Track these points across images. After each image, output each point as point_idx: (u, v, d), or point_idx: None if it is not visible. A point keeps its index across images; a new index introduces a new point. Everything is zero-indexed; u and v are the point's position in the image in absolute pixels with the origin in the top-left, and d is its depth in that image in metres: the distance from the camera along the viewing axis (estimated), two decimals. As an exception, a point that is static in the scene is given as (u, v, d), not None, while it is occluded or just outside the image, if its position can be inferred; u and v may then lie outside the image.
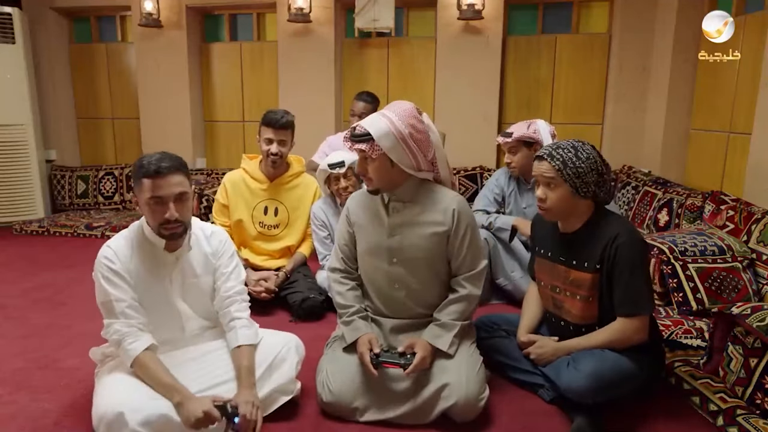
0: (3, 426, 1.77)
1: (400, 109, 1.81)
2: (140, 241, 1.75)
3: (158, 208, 1.64)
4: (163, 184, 1.62)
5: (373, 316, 1.99)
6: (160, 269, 1.77)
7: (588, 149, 1.78)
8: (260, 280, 2.74)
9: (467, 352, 1.88)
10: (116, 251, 1.71)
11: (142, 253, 1.74)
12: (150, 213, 1.66)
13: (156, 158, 1.64)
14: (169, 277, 1.78)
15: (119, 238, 1.76)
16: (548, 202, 1.82)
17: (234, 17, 4.98)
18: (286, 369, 1.81)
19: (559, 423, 1.82)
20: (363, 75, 4.69)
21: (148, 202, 1.64)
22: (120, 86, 5.18)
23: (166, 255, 1.76)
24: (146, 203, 1.65)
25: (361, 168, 1.87)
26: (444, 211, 1.87)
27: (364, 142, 1.79)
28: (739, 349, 1.84)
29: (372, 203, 1.97)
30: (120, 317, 1.66)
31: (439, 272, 1.94)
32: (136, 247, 1.74)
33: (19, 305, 2.88)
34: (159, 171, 1.61)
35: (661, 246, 2.50)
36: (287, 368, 1.82)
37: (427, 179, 1.92)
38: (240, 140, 5.06)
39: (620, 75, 4.15)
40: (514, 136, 2.79)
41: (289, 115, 2.77)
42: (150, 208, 1.65)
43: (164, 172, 1.62)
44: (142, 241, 1.75)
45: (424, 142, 1.83)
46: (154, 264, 1.75)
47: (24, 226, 4.45)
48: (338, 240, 2.05)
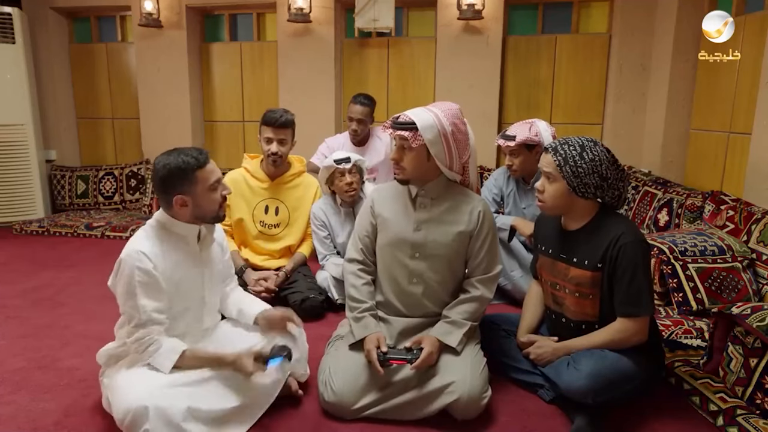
0: (3, 426, 1.77)
1: (446, 107, 1.87)
2: (167, 237, 1.73)
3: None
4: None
5: (383, 315, 1.99)
6: (193, 262, 1.78)
7: (596, 151, 1.76)
8: (260, 280, 2.74)
9: (472, 351, 1.89)
10: (149, 254, 1.65)
11: (172, 249, 1.73)
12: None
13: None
14: (200, 269, 1.80)
15: (142, 240, 1.70)
16: (545, 194, 1.84)
17: (234, 17, 4.98)
18: (295, 353, 1.86)
19: (559, 423, 1.82)
20: (363, 75, 4.69)
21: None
22: (120, 86, 5.18)
23: (196, 247, 1.79)
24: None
25: (397, 155, 1.90)
26: (470, 212, 1.92)
27: (407, 129, 1.82)
28: (739, 349, 1.84)
29: (399, 197, 2.00)
30: (150, 324, 1.65)
31: (456, 271, 1.98)
32: (165, 244, 1.72)
33: (19, 305, 2.88)
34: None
35: (661, 246, 2.50)
36: (296, 353, 1.86)
37: (454, 180, 1.95)
38: (240, 140, 5.06)
39: (620, 75, 4.15)
40: (518, 139, 2.74)
41: (289, 114, 2.78)
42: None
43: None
44: (169, 237, 1.74)
45: (462, 143, 1.88)
46: (186, 258, 1.76)
47: (24, 226, 4.45)
48: (359, 231, 2.05)
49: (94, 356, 1.84)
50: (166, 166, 1.66)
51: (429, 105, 1.91)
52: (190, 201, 1.69)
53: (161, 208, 1.75)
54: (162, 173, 1.66)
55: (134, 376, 1.62)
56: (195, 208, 1.71)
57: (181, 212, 1.71)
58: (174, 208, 1.70)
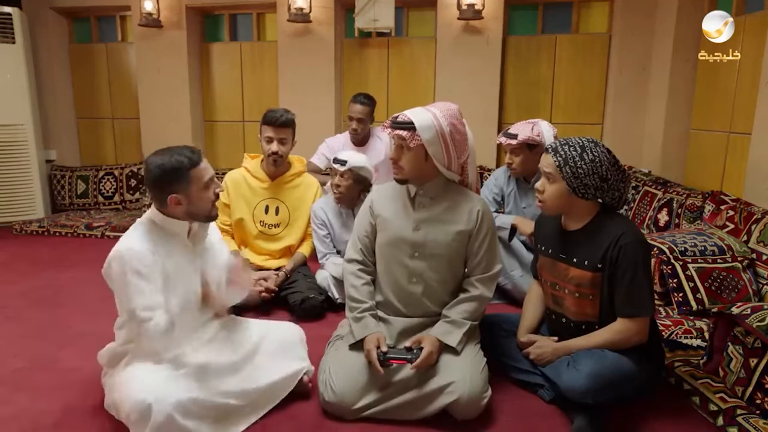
0: (3, 426, 1.77)
1: (445, 107, 1.87)
2: (159, 234, 1.74)
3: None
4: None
5: (383, 315, 1.99)
6: (187, 256, 1.79)
7: (597, 152, 1.76)
8: (260, 280, 2.74)
9: (472, 351, 1.89)
10: (141, 251, 1.65)
11: (165, 245, 1.74)
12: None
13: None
14: (195, 263, 1.81)
15: (133, 238, 1.70)
16: (545, 195, 1.84)
17: (234, 17, 4.98)
18: (298, 350, 1.93)
19: (559, 423, 1.82)
20: (363, 75, 4.69)
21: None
22: (120, 86, 5.17)
23: (188, 242, 1.80)
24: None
25: (395, 155, 1.90)
26: (469, 211, 1.93)
27: (406, 129, 1.83)
28: (739, 349, 1.84)
29: (398, 196, 2.00)
30: (143, 321, 1.64)
31: (455, 271, 1.98)
32: (158, 240, 1.72)
33: (19, 305, 2.88)
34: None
35: (661, 246, 2.49)
36: (299, 349, 1.93)
37: (453, 180, 1.96)
38: (240, 140, 5.06)
39: (620, 75, 4.15)
40: (520, 138, 2.75)
41: (289, 114, 2.78)
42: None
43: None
44: (161, 233, 1.74)
45: (461, 144, 1.88)
46: (180, 252, 1.77)
47: (24, 226, 4.45)
48: (358, 231, 2.06)
49: (95, 356, 1.84)
50: (160, 166, 1.66)
51: (428, 105, 1.91)
52: (184, 200, 1.70)
53: (153, 206, 1.76)
54: (156, 173, 1.67)
55: (138, 373, 1.63)
56: (189, 206, 1.72)
57: (174, 211, 1.72)
58: (168, 207, 1.71)
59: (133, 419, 1.54)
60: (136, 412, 1.52)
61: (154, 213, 1.75)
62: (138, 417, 1.52)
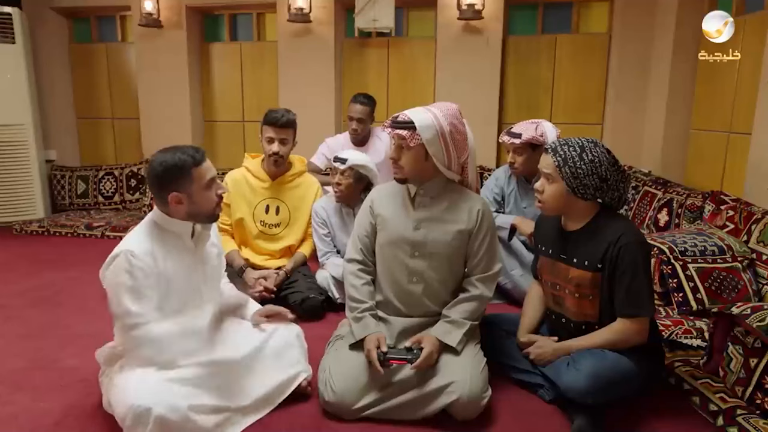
0: (3, 426, 1.77)
1: (445, 107, 1.87)
2: (161, 235, 1.74)
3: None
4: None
5: (383, 315, 1.99)
6: (190, 258, 1.79)
7: (597, 152, 1.76)
8: (260, 279, 2.74)
9: (472, 351, 1.89)
10: (142, 253, 1.65)
11: (167, 246, 1.73)
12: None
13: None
14: (196, 265, 1.81)
15: (135, 239, 1.70)
16: (544, 195, 1.85)
17: (234, 17, 4.98)
18: (295, 354, 1.92)
19: (559, 423, 1.82)
20: (363, 75, 4.69)
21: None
22: (120, 86, 5.17)
23: (191, 244, 1.80)
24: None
25: (395, 154, 1.91)
26: (469, 210, 1.93)
27: (406, 129, 1.83)
28: (739, 349, 1.84)
29: (398, 196, 2.00)
30: (133, 329, 1.64)
31: (456, 270, 1.98)
32: (160, 241, 1.72)
33: (19, 305, 2.88)
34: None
35: (661, 246, 2.49)
36: (297, 353, 1.92)
37: (453, 180, 1.96)
38: (240, 140, 5.06)
39: (620, 75, 4.15)
40: (523, 137, 2.75)
41: (290, 114, 2.78)
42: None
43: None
44: (163, 235, 1.74)
45: (461, 143, 1.88)
46: (182, 254, 1.77)
47: (24, 226, 4.44)
48: (358, 231, 2.06)
49: (94, 356, 1.84)
50: (162, 164, 1.67)
51: (428, 105, 1.91)
52: (185, 198, 1.70)
53: (155, 206, 1.76)
54: (158, 170, 1.67)
55: (134, 376, 1.62)
56: (190, 205, 1.72)
57: (176, 210, 1.71)
58: (169, 205, 1.70)
59: (128, 423, 1.53)
60: (131, 417, 1.52)
61: (156, 214, 1.75)
62: (133, 421, 1.52)
